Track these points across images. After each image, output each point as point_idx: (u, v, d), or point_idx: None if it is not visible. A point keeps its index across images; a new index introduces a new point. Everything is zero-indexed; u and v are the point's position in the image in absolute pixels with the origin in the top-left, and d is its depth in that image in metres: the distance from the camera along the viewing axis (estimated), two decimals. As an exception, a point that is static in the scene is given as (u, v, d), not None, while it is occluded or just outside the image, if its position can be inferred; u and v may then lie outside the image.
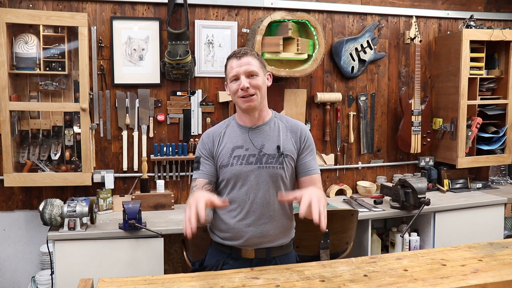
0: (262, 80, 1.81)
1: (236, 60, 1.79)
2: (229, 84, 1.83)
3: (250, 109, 1.80)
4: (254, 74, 1.78)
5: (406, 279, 1.54)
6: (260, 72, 1.81)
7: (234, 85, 1.80)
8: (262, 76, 1.82)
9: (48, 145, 2.95)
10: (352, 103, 3.56)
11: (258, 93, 1.79)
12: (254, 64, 1.79)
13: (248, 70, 1.77)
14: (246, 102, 1.78)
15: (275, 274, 1.61)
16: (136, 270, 2.57)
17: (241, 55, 1.79)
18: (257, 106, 1.81)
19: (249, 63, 1.78)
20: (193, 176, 1.90)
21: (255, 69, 1.79)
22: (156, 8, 3.11)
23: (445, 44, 3.60)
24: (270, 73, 1.92)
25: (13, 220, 3.04)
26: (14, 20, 2.68)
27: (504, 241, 1.95)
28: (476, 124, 3.52)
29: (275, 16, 3.05)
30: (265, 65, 1.87)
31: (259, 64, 1.82)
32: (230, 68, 1.81)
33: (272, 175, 1.80)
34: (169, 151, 3.13)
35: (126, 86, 3.11)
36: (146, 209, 2.98)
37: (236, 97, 1.81)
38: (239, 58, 1.78)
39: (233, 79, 1.79)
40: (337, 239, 2.60)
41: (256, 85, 1.78)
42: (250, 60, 1.79)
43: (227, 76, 1.84)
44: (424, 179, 3.08)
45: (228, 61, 1.83)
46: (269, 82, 1.89)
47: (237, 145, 1.83)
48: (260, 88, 1.80)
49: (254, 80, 1.78)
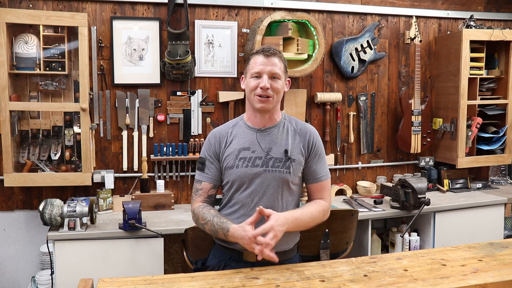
0: (282, 84, 1.79)
1: (263, 57, 1.75)
2: (247, 79, 1.79)
3: (263, 110, 1.78)
4: (277, 77, 1.76)
5: (406, 279, 1.54)
6: (282, 76, 1.79)
7: (253, 82, 1.76)
8: (283, 80, 1.80)
9: (48, 145, 2.95)
10: (352, 103, 3.56)
11: (275, 96, 1.77)
12: (279, 67, 1.77)
13: (273, 71, 1.75)
14: (261, 102, 1.75)
15: (275, 274, 1.61)
16: (136, 270, 2.57)
17: (270, 54, 1.76)
18: (271, 108, 1.79)
19: (275, 65, 1.75)
20: (197, 177, 1.88)
21: (279, 72, 1.76)
22: (156, 8, 3.11)
23: (445, 44, 3.60)
24: (289, 80, 1.89)
25: (13, 220, 3.04)
26: (14, 20, 2.68)
27: (504, 241, 1.95)
28: (476, 124, 3.52)
29: (275, 16, 3.05)
30: (287, 70, 1.85)
31: (283, 68, 1.80)
32: (254, 63, 1.77)
33: (278, 179, 1.77)
34: (169, 151, 3.13)
35: (126, 86, 3.11)
36: (146, 209, 2.98)
37: (252, 94, 1.77)
38: (267, 57, 1.75)
39: (255, 75, 1.76)
40: (337, 239, 2.60)
41: (276, 88, 1.76)
42: (277, 62, 1.76)
43: (248, 70, 1.80)
44: (424, 179, 3.08)
45: (254, 55, 1.79)
46: (287, 88, 1.86)
47: (244, 146, 1.80)
48: (279, 92, 1.78)
49: (276, 83, 1.76)
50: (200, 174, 1.87)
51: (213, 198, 1.89)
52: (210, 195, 1.87)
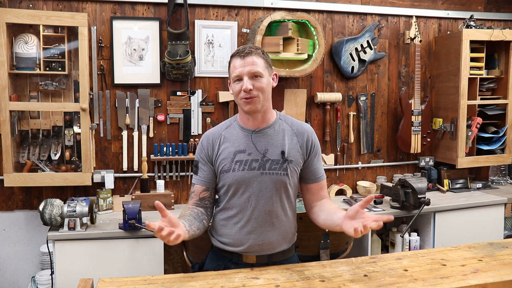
0: (266, 81, 1.72)
1: (239, 60, 1.69)
2: (232, 84, 1.74)
3: (252, 112, 1.72)
4: (258, 75, 1.69)
5: (406, 279, 1.54)
6: (265, 72, 1.71)
7: (236, 86, 1.71)
8: (267, 77, 1.73)
9: (48, 145, 2.95)
10: (352, 103, 3.56)
11: (261, 95, 1.70)
12: (259, 64, 1.69)
13: (252, 71, 1.68)
14: (248, 104, 1.70)
15: (275, 274, 1.61)
16: (136, 270, 2.57)
17: (245, 54, 1.69)
18: (260, 108, 1.73)
19: (254, 63, 1.68)
20: (192, 181, 1.86)
21: (260, 69, 1.69)
22: (156, 8, 3.11)
23: (445, 44, 3.60)
24: (276, 73, 1.82)
25: (13, 220, 3.04)
26: (14, 20, 2.68)
27: (504, 241, 1.95)
28: (476, 124, 3.52)
29: (275, 16, 3.05)
30: (270, 64, 1.77)
31: (264, 64, 1.72)
32: (233, 68, 1.71)
33: (275, 182, 1.73)
34: (169, 151, 3.13)
35: (126, 86, 3.11)
36: (146, 209, 2.97)
37: (238, 98, 1.72)
38: (243, 58, 1.69)
39: (236, 79, 1.70)
40: (337, 239, 2.60)
41: (259, 87, 1.69)
42: (254, 60, 1.69)
43: (230, 76, 1.75)
44: (424, 179, 3.08)
45: (231, 60, 1.74)
46: (275, 83, 1.79)
47: (239, 149, 1.76)
48: (264, 90, 1.70)
49: (258, 82, 1.69)
50: (194, 177, 1.84)
51: (206, 200, 1.83)
52: (202, 197, 1.82)
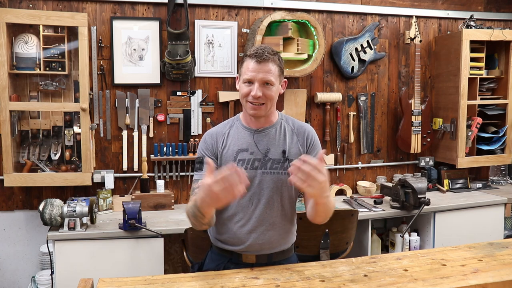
0: (276, 89, 1.71)
1: (255, 63, 1.67)
2: (240, 83, 1.74)
3: (257, 116, 1.74)
4: (270, 84, 1.68)
5: (406, 279, 1.54)
6: (276, 81, 1.71)
7: (245, 88, 1.70)
8: (277, 85, 1.72)
9: (48, 145, 2.95)
10: (352, 103, 3.56)
11: (269, 103, 1.71)
12: (273, 73, 1.68)
13: (265, 79, 1.67)
14: (253, 109, 1.70)
15: (275, 274, 1.61)
16: (136, 270, 2.57)
17: (263, 60, 1.66)
18: (263, 115, 1.74)
19: (268, 71, 1.67)
20: (195, 177, 1.80)
21: (272, 78, 1.68)
22: (156, 8, 3.11)
23: (445, 44, 3.60)
24: (286, 80, 1.82)
25: (13, 220, 3.04)
26: (14, 20, 2.68)
27: (504, 241, 1.95)
28: (476, 124, 3.52)
29: (275, 16, 3.05)
30: (283, 71, 1.76)
31: (278, 72, 1.72)
32: (246, 69, 1.69)
33: (276, 181, 1.74)
34: (169, 151, 3.13)
35: (126, 86, 3.11)
36: (146, 209, 2.98)
37: (244, 100, 1.72)
38: (259, 63, 1.66)
39: (246, 81, 1.70)
40: (337, 239, 2.60)
41: (269, 95, 1.68)
42: (270, 68, 1.67)
43: (241, 73, 1.74)
44: (424, 179, 3.08)
45: (246, 59, 1.71)
46: (283, 90, 1.80)
47: (242, 148, 1.77)
48: (272, 98, 1.71)
49: (268, 90, 1.68)
50: (199, 173, 1.79)
51: None
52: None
